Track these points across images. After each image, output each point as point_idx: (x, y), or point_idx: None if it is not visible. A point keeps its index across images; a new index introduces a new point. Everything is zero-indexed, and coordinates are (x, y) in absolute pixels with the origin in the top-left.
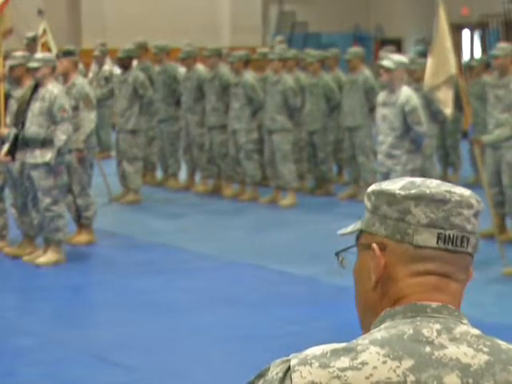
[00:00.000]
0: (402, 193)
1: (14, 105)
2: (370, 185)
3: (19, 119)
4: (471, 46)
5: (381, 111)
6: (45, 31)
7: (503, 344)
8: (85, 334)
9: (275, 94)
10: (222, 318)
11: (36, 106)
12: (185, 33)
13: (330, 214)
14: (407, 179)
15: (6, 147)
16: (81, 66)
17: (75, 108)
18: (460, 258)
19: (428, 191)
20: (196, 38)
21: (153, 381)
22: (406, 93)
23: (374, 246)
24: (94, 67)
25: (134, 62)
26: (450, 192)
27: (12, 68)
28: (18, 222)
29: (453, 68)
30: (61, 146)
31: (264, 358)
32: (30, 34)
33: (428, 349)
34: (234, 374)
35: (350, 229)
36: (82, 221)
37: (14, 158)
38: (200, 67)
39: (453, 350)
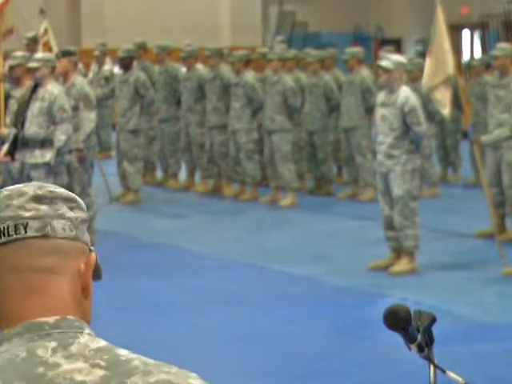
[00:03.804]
0: None
1: (13, 105)
2: (370, 184)
3: (19, 119)
4: (471, 46)
5: (380, 111)
6: (46, 31)
7: (123, 355)
8: None
9: (275, 94)
10: (222, 318)
11: (36, 106)
12: (185, 33)
13: (330, 214)
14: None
15: (5, 147)
16: (80, 65)
17: (75, 108)
18: (16, 246)
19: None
20: (196, 38)
21: None
22: (405, 93)
23: None
24: (93, 67)
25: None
26: None
27: (12, 68)
28: None
29: (451, 68)
30: (60, 146)
31: (264, 357)
32: (30, 34)
33: (41, 369)
34: (233, 373)
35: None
36: None
37: (13, 158)
38: (200, 67)
39: (67, 368)
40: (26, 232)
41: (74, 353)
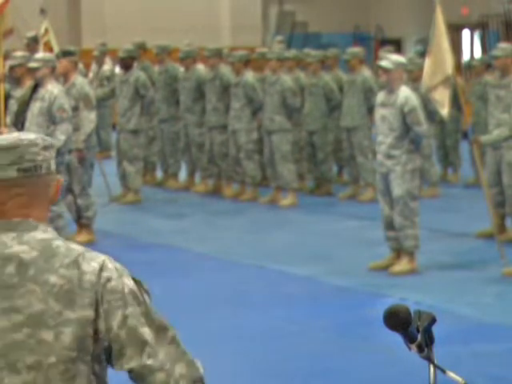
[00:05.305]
0: None
1: (14, 105)
2: (370, 184)
3: (19, 119)
4: (471, 46)
5: (380, 111)
6: (47, 30)
7: (57, 245)
8: None
9: (274, 94)
10: (222, 318)
11: (36, 106)
12: (185, 33)
13: (330, 214)
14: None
15: None
16: (80, 65)
17: (75, 108)
18: (37, 180)
19: (3, 142)
20: (196, 38)
21: None
22: (405, 93)
23: None
24: (94, 67)
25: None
26: (20, 139)
27: (12, 68)
28: None
29: (450, 68)
30: (60, 146)
31: (264, 357)
32: (30, 34)
33: (1, 247)
34: (234, 373)
35: None
36: (82, 221)
37: None
38: (200, 67)
39: (17, 249)
40: (40, 171)
41: (24, 240)
